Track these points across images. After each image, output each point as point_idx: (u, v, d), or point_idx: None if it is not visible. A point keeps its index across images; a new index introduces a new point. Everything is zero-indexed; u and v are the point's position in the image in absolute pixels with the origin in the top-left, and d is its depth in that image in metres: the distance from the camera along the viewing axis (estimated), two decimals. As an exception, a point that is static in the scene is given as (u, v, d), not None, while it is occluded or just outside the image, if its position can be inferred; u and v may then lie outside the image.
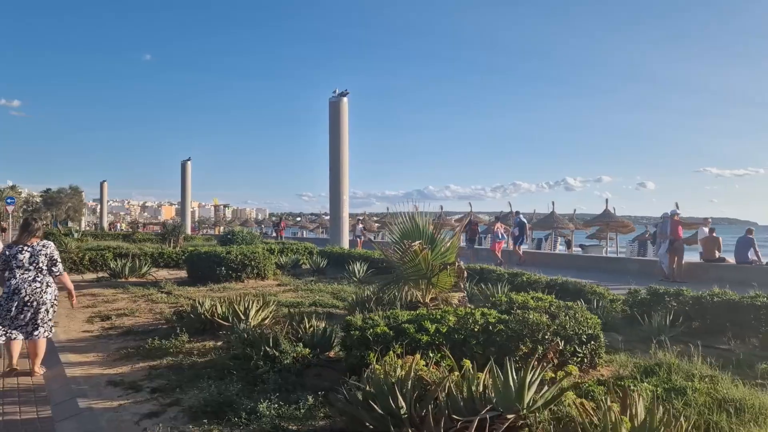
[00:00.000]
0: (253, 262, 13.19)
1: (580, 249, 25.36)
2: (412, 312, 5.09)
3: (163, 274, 15.11)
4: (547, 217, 26.59)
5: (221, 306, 7.34)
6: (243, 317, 6.61)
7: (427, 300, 5.79)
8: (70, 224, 55.81)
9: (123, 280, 13.64)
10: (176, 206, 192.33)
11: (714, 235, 14.63)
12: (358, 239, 24.61)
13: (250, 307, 6.77)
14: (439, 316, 4.86)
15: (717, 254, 14.39)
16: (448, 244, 5.96)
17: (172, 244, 23.96)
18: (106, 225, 59.30)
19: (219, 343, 6.86)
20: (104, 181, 61.48)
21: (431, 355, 4.52)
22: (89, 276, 14.79)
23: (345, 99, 22.81)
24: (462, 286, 5.78)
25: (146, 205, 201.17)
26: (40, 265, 6.15)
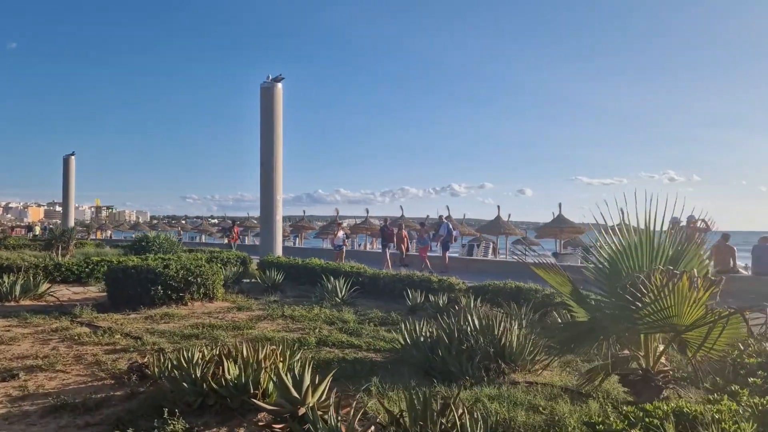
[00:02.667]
0: (199, 279, 10.08)
1: (553, 258, 23.83)
2: (717, 407, 2.67)
3: (64, 293, 11.55)
4: (492, 223, 24.98)
5: (231, 365, 4.51)
6: (296, 393, 3.84)
7: (655, 367, 3.43)
8: None
9: (13, 303, 10.01)
10: (45, 207, 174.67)
11: (728, 243, 13.48)
12: (338, 250, 21.16)
13: (303, 371, 3.99)
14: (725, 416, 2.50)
15: (731, 264, 13.26)
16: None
17: (60, 252, 19.91)
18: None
19: (240, 434, 4.05)
20: (-38, 177, 53.37)
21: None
22: (-42, 298, 10.93)
23: (279, 85, 19.87)
24: None
25: (10, 206, 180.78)
26: None
